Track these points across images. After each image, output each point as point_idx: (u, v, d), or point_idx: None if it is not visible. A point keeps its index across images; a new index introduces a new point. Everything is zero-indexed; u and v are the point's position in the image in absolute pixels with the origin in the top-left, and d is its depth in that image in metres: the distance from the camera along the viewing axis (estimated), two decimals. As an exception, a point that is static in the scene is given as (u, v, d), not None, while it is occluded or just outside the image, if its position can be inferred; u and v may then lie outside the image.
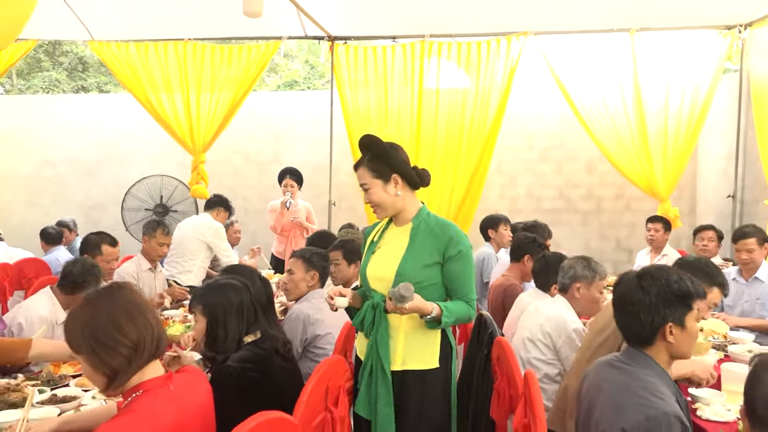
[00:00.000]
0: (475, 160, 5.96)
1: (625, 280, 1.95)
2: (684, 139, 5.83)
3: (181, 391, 1.67)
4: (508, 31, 5.88)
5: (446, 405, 2.35)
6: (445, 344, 2.35)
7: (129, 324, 1.56)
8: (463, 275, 2.30)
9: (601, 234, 6.95)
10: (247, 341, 2.18)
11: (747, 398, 1.48)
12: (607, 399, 1.83)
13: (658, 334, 1.83)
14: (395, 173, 2.32)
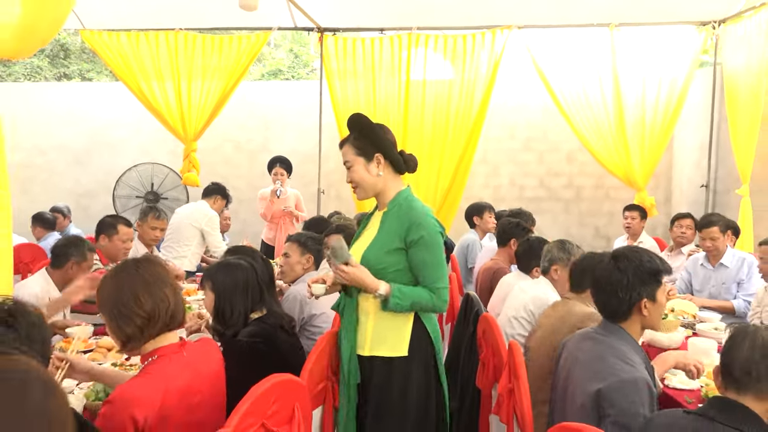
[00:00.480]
0: (460, 149, 6.16)
1: (601, 262, 2.15)
2: (660, 131, 6.07)
3: (194, 358, 1.84)
4: (493, 25, 6.06)
5: (423, 393, 2.25)
6: (420, 333, 2.25)
7: (146, 296, 1.74)
8: (424, 262, 2.20)
9: (581, 222, 7.19)
10: (254, 317, 2.36)
11: (724, 360, 1.65)
12: (583, 367, 2.03)
13: (634, 309, 2.04)
14: (378, 152, 2.29)
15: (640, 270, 2.04)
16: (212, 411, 1.85)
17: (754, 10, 5.38)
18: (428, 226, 2.22)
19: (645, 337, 3.24)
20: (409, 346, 2.23)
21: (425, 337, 2.26)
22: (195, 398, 1.76)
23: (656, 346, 3.17)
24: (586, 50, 6.11)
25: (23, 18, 1.62)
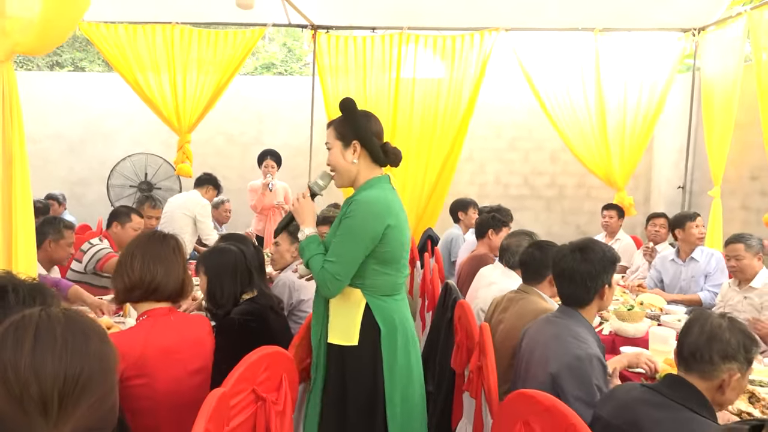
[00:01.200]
0: (447, 147, 6.35)
1: (566, 256, 2.33)
2: (640, 133, 6.29)
3: (180, 323, 2.08)
4: (481, 27, 6.25)
5: (370, 384, 2.26)
6: (369, 324, 2.26)
7: (138, 264, 1.98)
8: (336, 238, 2.23)
9: (563, 220, 7.41)
10: (245, 298, 2.54)
11: (678, 342, 1.84)
12: (543, 347, 2.23)
13: (596, 295, 2.24)
14: (356, 140, 2.28)
15: (604, 260, 2.25)
16: (194, 372, 2.05)
17: (731, 20, 5.60)
18: (360, 210, 2.21)
19: (612, 326, 3.46)
20: (359, 336, 2.25)
21: (375, 327, 2.25)
22: (176, 356, 1.97)
23: (622, 335, 3.38)
24: (571, 53, 6.31)
25: (43, 14, 1.78)
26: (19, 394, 0.96)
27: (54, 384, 0.96)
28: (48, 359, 0.97)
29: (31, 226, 1.90)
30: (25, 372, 0.96)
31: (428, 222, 6.38)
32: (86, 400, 0.98)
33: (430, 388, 3.30)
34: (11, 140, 1.80)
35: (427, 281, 4.43)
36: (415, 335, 2.40)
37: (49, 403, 0.96)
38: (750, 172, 5.42)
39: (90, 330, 1.04)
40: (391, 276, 2.30)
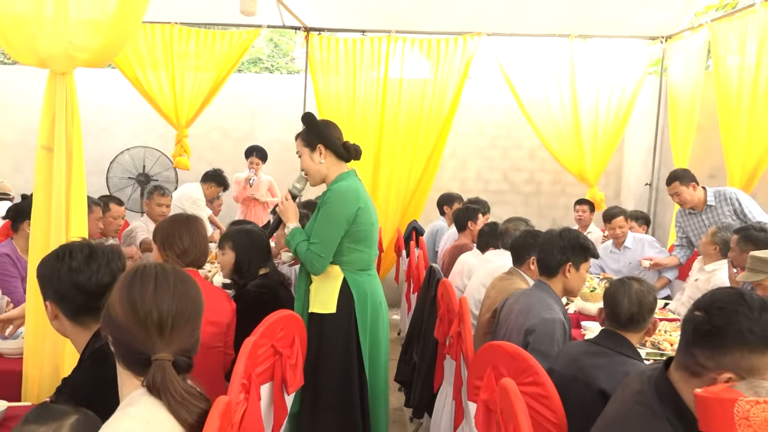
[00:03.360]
0: (431, 144, 6.74)
1: (550, 232, 2.81)
2: (611, 133, 6.75)
3: (202, 284, 2.50)
4: (464, 31, 6.64)
5: (346, 347, 2.73)
6: (345, 294, 2.74)
7: (185, 235, 2.48)
8: (317, 223, 2.68)
9: (540, 214, 7.84)
10: (261, 273, 2.94)
11: (608, 309, 2.25)
12: (517, 314, 2.66)
13: (561, 269, 2.69)
14: (320, 143, 2.76)
15: (575, 241, 2.74)
16: (209, 323, 2.44)
17: (694, 30, 6.07)
18: (334, 198, 2.67)
19: (576, 306, 3.91)
20: (337, 304, 2.72)
21: (350, 297, 2.74)
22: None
23: (585, 313, 3.83)
24: (548, 58, 6.74)
25: (103, 28, 2.14)
26: (144, 319, 1.38)
27: (169, 314, 1.38)
28: (166, 297, 1.40)
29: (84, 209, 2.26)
30: (148, 303, 1.37)
31: (413, 214, 6.78)
32: (188, 329, 1.41)
33: (415, 359, 3.74)
34: (71, 139, 2.16)
35: (412, 267, 4.85)
36: (383, 304, 2.91)
37: (165, 327, 1.37)
38: (709, 171, 5.89)
39: (190, 280, 1.46)
40: (363, 253, 2.80)
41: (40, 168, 2.18)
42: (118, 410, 1.39)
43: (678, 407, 1.47)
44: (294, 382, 2.35)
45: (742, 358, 1.41)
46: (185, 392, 1.39)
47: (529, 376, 1.92)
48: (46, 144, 2.16)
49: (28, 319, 2.24)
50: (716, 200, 4.56)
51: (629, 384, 1.62)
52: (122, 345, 1.42)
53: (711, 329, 1.44)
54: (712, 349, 1.43)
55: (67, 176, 2.15)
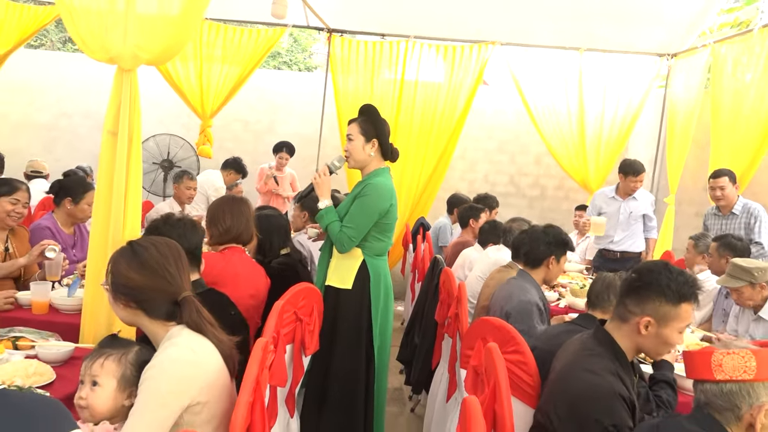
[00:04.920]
0: (442, 145, 7.09)
1: (536, 228, 3.17)
2: (615, 144, 7.08)
3: (246, 260, 2.95)
4: (480, 40, 6.98)
5: (358, 322, 3.01)
6: (363, 274, 3.02)
7: (228, 216, 2.81)
8: (352, 209, 2.97)
9: (543, 217, 8.17)
10: (282, 252, 3.31)
11: (587, 293, 2.64)
12: (500, 299, 3.03)
13: (545, 261, 3.05)
14: (376, 138, 3.04)
15: (558, 238, 3.11)
16: (249, 296, 2.84)
17: (697, 50, 6.39)
18: (373, 192, 2.96)
19: (567, 301, 4.27)
20: (353, 283, 3.02)
21: (366, 278, 3.03)
22: (240, 279, 2.78)
23: (575, 308, 4.17)
24: (558, 69, 7.07)
25: (165, 28, 2.50)
26: (159, 270, 1.80)
27: (171, 258, 1.86)
28: (160, 250, 1.85)
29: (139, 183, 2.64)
30: (155, 259, 1.83)
31: (421, 211, 7.14)
32: (186, 265, 1.87)
33: (416, 341, 4.10)
34: (132, 126, 2.53)
35: (418, 259, 5.21)
36: (391, 288, 3.23)
37: (173, 271, 1.82)
38: (703, 185, 6.19)
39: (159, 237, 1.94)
40: (384, 242, 3.14)
41: (105, 149, 2.56)
42: (163, 344, 1.75)
43: (614, 348, 1.96)
44: (311, 345, 2.71)
45: (660, 306, 1.91)
46: (213, 320, 1.77)
47: (511, 346, 2.28)
48: (112, 129, 2.53)
49: (88, 279, 2.62)
50: (742, 210, 4.77)
51: (572, 343, 2.03)
52: (149, 302, 1.77)
53: (640, 284, 1.96)
54: (639, 297, 1.95)
55: (128, 156, 2.52)
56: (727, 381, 1.50)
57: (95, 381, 1.67)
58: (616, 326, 2.01)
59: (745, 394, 1.48)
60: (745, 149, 5.13)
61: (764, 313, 3.49)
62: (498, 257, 4.11)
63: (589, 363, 1.92)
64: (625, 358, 1.97)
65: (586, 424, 1.80)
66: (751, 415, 1.48)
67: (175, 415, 1.62)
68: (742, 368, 1.49)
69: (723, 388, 1.51)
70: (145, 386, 1.61)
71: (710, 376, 1.52)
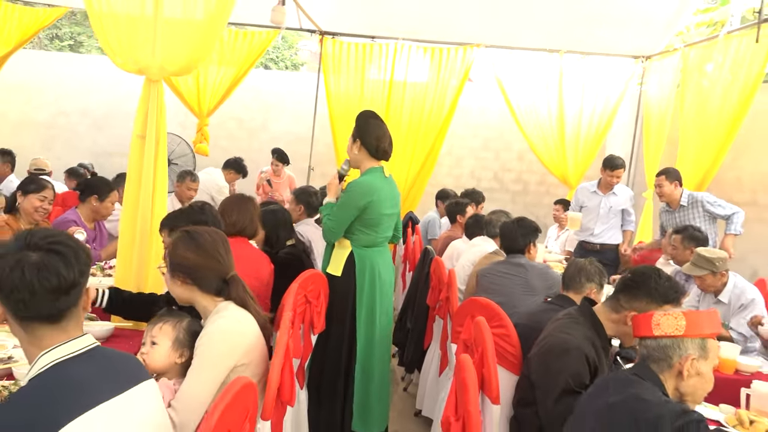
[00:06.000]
0: (430, 142, 7.43)
1: (508, 223, 3.53)
2: (592, 141, 7.47)
3: (253, 249, 3.19)
4: (465, 42, 7.32)
5: (344, 306, 3.30)
6: (350, 262, 3.33)
7: (235, 211, 3.10)
8: (336, 205, 3.34)
9: (526, 211, 8.55)
10: (288, 243, 3.63)
11: (563, 276, 3.01)
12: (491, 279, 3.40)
13: (526, 248, 3.43)
14: (359, 138, 3.36)
15: (531, 227, 3.57)
16: (255, 278, 3.07)
17: (669, 53, 6.79)
18: (352, 189, 3.29)
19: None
20: (342, 270, 3.33)
21: (353, 267, 3.34)
22: (247, 263, 3.04)
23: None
24: (539, 70, 7.43)
25: (188, 41, 2.82)
26: (212, 253, 2.16)
27: (219, 243, 2.17)
28: (212, 236, 2.18)
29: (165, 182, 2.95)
30: (210, 243, 2.17)
31: (410, 206, 7.47)
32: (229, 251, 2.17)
33: (408, 325, 4.45)
34: (159, 130, 2.84)
35: (409, 250, 5.57)
36: (382, 274, 3.44)
37: (222, 254, 2.14)
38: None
39: (207, 228, 2.25)
40: (370, 235, 3.41)
41: (134, 150, 2.87)
42: (212, 316, 2.08)
43: (595, 322, 2.35)
44: (318, 325, 3.05)
45: (646, 304, 2.27)
46: (253, 296, 2.10)
47: (496, 321, 2.63)
48: (140, 133, 2.83)
49: (118, 266, 2.94)
50: (688, 202, 5.17)
51: (557, 317, 2.38)
52: (203, 279, 2.11)
53: (633, 284, 2.33)
54: (630, 294, 2.32)
55: (155, 157, 2.83)
56: (663, 337, 1.86)
57: (154, 341, 2.00)
58: (604, 311, 2.39)
59: (676, 347, 1.84)
60: (710, 148, 5.53)
61: (723, 297, 3.86)
62: (483, 247, 4.46)
63: (568, 327, 2.30)
64: (604, 332, 2.37)
65: (552, 374, 2.20)
66: (680, 364, 1.84)
67: (224, 374, 1.95)
68: (674, 326, 1.85)
69: (660, 343, 1.86)
70: (201, 351, 1.95)
71: (650, 333, 1.88)
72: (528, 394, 2.43)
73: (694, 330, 1.85)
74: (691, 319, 1.85)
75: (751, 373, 2.94)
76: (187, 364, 2.02)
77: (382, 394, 3.50)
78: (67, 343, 1.42)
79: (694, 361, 1.84)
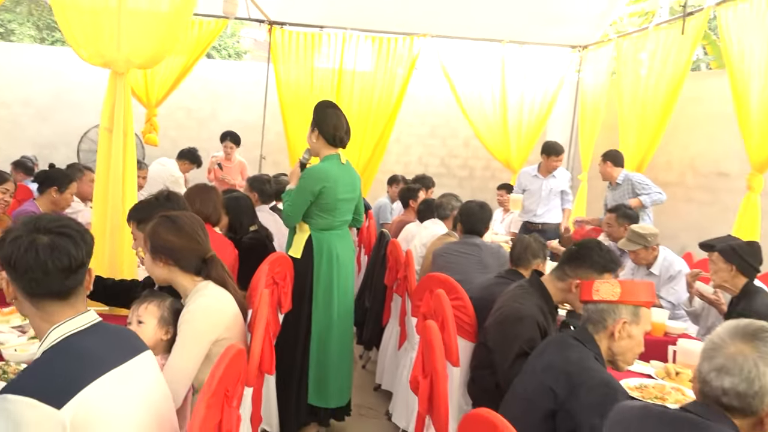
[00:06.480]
0: (379, 130, 7.61)
1: (472, 205, 3.78)
2: (534, 127, 7.82)
3: (217, 235, 3.30)
4: (412, 32, 7.52)
5: (302, 286, 3.44)
6: (309, 245, 3.48)
7: (198, 200, 3.23)
8: (294, 189, 3.46)
9: (472, 196, 8.75)
10: (252, 229, 3.77)
11: (510, 253, 3.27)
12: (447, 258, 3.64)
13: (485, 230, 3.69)
14: (316, 127, 3.48)
15: (491, 214, 3.74)
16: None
17: (604, 43, 7.18)
18: (306, 175, 3.43)
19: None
20: (302, 251, 3.48)
21: (311, 249, 3.49)
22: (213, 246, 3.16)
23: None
24: (483, 59, 7.72)
25: (154, 32, 2.91)
26: (192, 234, 2.27)
27: (197, 225, 2.29)
28: (190, 219, 2.30)
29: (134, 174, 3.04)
30: (189, 225, 2.28)
31: (362, 192, 7.64)
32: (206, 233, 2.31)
33: (367, 304, 4.66)
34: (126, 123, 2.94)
35: (363, 235, 5.77)
36: (340, 257, 3.57)
37: (201, 236, 2.28)
38: (611, 162, 7.03)
39: (186, 211, 2.40)
40: (327, 219, 3.54)
41: (102, 143, 2.95)
42: (193, 295, 2.23)
43: (543, 292, 2.62)
44: (285, 304, 3.23)
45: (587, 273, 2.55)
46: (231, 275, 2.26)
47: (454, 294, 2.87)
48: (107, 126, 2.92)
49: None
50: (624, 180, 5.63)
51: (510, 289, 2.63)
52: (184, 259, 2.25)
53: (577, 255, 2.61)
54: (574, 264, 2.61)
55: (123, 150, 2.93)
56: (601, 301, 2.11)
57: (140, 320, 2.14)
58: (552, 280, 2.66)
59: (611, 311, 2.10)
60: (646, 133, 5.94)
61: (654, 269, 4.22)
62: (433, 229, 4.70)
63: (521, 298, 2.55)
64: (551, 300, 2.64)
65: (507, 341, 2.44)
66: (613, 326, 2.10)
67: (206, 348, 2.11)
68: (611, 292, 2.10)
69: (598, 307, 2.12)
70: (184, 327, 2.09)
71: (591, 297, 2.14)
72: (484, 360, 2.67)
73: (628, 297, 2.11)
74: (626, 287, 2.11)
75: (677, 334, 3.28)
76: (172, 340, 2.16)
77: (341, 370, 3.63)
78: (74, 318, 1.56)
79: (626, 324, 2.10)
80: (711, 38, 9.17)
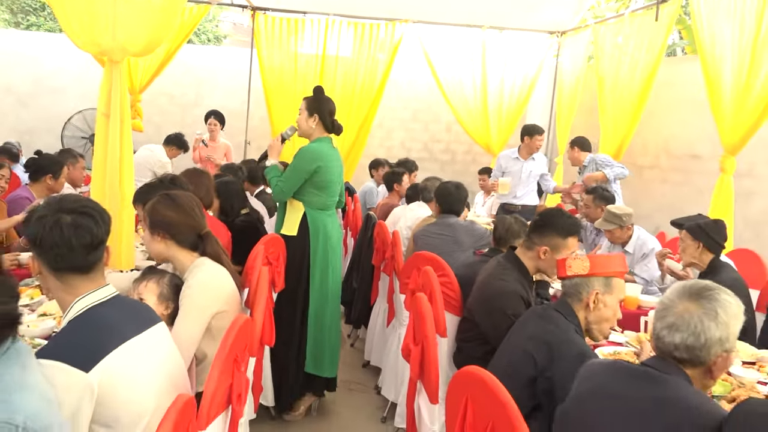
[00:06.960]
0: (362, 115, 7.74)
1: (448, 185, 3.92)
2: (514, 112, 7.99)
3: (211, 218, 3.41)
4: (394, 18, 7.63)
5: (302, 265, 3.50)
6: (304, 223, 3.51)
7: (190, 184, 3.30)
8: (288, 167, 3.47)
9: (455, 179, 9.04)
10: (243, 212, 3.89)
11: (492, 233, 3.44)
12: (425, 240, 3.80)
13: (462, 211, 3.83)
14: (317, 113, 3.57)
15: (466, 194, 3.87)
16: None
17: (581, 29, 7.35)
18: (302, 154, 3.47)
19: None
20: (297, 229, 3.52)
21: (306, 228, 3.53)
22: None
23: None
24: (464, 44, 7.86)
25: (148, 20, 3.00)
26: (189, 210, 2.37)
27: (194, 202, 2.41)
28: (187, 196, 2.42)
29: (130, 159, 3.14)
30: (186, 201, 2.38)
31: (346, 176, 7.74)
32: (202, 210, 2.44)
33: (354, 285, 4.81)
34: (123, 109, 3.03)
35: (349, 217, 5.91)
36: (332, 237, 3.68)
37: (198, 212, 2.38)
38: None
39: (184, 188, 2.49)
40: (321, 197, 3.61)
41: (99, 129, 3.05)
42: (191, 271, 2.35)
43: (520, 266, 2.78)
44: (279, 284, 3.36)
45: (553, 239, 2.73)
46: (225, 251, 2.39)
47: (440, 271, 3.03)
48: (105, 111, 3.02)
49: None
50: (589, 162, 5.94)
51: (490, 263, 2.82)
52: (180, 234, 2.36)
53: (542, 223, 2.77)
54: (540, 232, 2.75)
55: (120, 135, 3.03)
56: (574, 276, 2.28)
57: (141, 298, 2.26)
58: (523, 252, 2.82)
59: (584, 284, 2.27)
60: (624, 117, 6.14)
61: (629, 247, 4.42)
62: (417, 212, 4.85)
63: (501, 274, 2.71)
64: (528, 273, 2.79)
65: (496, 314, 2.60)
66: (588, 297, 2.27)
67: (207, 320, 2.24)
68: (581, 267, 2.27)
69: (572, 281, 2.29)
70: (186, 302, 2.22)
71: (565, 274, 2.31)
72: (469, 332, 2.84)
73: (599, 269, 2.27)
74: (595, 261, 2.28)
75: (650, 308, 3.48)
76: (173, 314, 2.29)
77: (333, 343, 3.77)
78: (95, 291, 1.69)
79: (599, 294, 2.27)
80: (686, 23, 9.39)
